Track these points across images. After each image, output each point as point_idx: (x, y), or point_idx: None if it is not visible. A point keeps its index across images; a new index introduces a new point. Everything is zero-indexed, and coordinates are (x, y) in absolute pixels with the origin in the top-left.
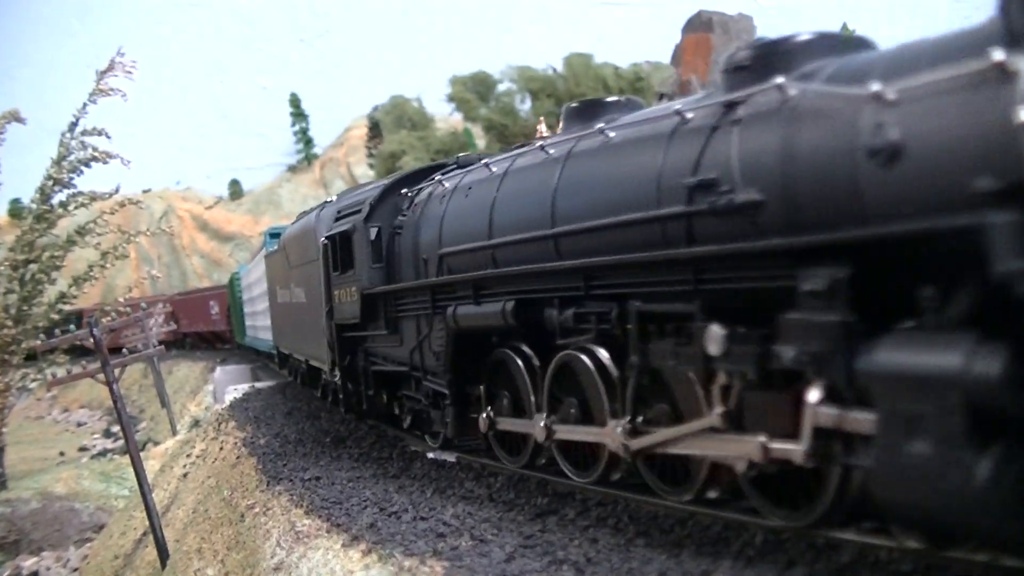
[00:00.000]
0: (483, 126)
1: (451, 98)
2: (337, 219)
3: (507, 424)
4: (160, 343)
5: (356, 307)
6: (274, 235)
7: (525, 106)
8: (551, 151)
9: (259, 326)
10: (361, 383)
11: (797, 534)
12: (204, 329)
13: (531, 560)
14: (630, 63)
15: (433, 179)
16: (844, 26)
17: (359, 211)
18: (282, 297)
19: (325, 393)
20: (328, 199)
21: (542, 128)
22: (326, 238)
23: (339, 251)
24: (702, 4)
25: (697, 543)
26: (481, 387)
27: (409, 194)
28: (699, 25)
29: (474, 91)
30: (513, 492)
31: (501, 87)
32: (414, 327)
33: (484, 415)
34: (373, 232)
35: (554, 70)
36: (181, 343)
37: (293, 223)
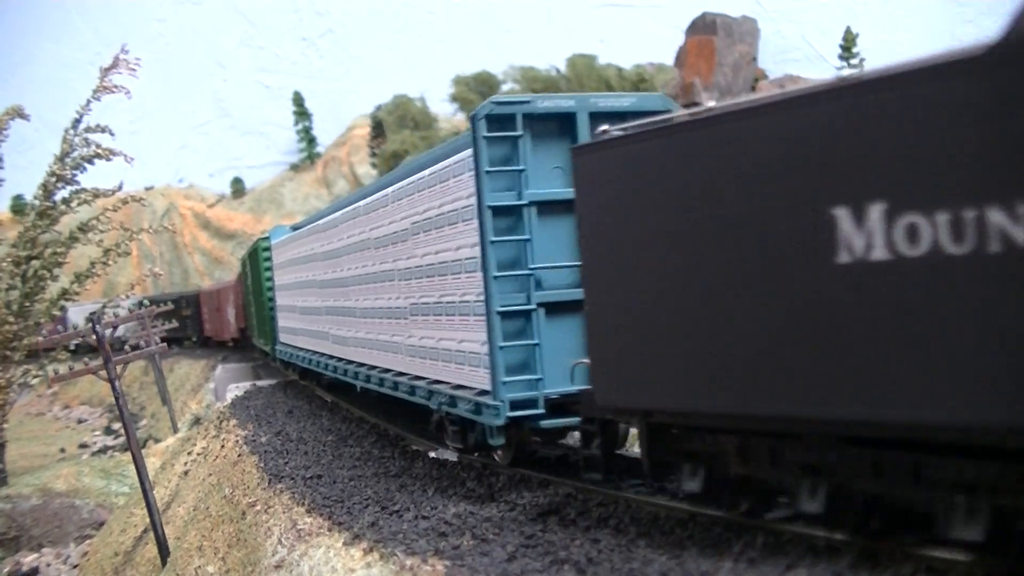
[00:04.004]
0: None
1: (454, 98)
2: None
3: None
4: (234, 340)
5: None
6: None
7: None
8: None
9: (346, 337)
10: None
11: None
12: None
13: (532, 560)
14: (633, 64)
15: None
16: (848, 30)
17: None
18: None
19: None
20: None
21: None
22: None
23: None
24: (706, 6)
25: (699, 544)
26: None
27: None
28: (703, 27)
29: (477, 91)
30: (515, 492)
31: (504, 87)
32: None
33: None
34: None
35: (557, 71)
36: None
37: None
